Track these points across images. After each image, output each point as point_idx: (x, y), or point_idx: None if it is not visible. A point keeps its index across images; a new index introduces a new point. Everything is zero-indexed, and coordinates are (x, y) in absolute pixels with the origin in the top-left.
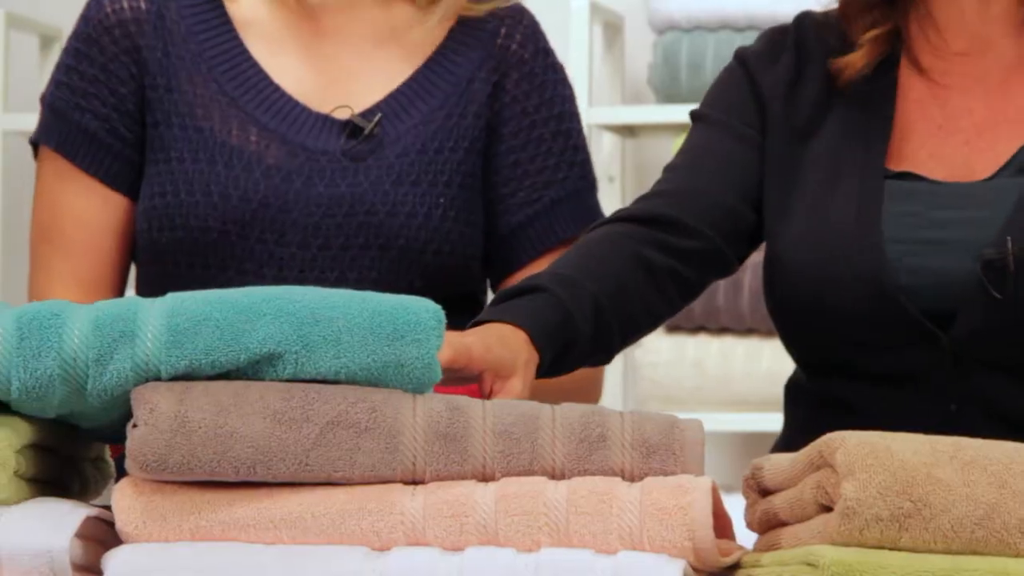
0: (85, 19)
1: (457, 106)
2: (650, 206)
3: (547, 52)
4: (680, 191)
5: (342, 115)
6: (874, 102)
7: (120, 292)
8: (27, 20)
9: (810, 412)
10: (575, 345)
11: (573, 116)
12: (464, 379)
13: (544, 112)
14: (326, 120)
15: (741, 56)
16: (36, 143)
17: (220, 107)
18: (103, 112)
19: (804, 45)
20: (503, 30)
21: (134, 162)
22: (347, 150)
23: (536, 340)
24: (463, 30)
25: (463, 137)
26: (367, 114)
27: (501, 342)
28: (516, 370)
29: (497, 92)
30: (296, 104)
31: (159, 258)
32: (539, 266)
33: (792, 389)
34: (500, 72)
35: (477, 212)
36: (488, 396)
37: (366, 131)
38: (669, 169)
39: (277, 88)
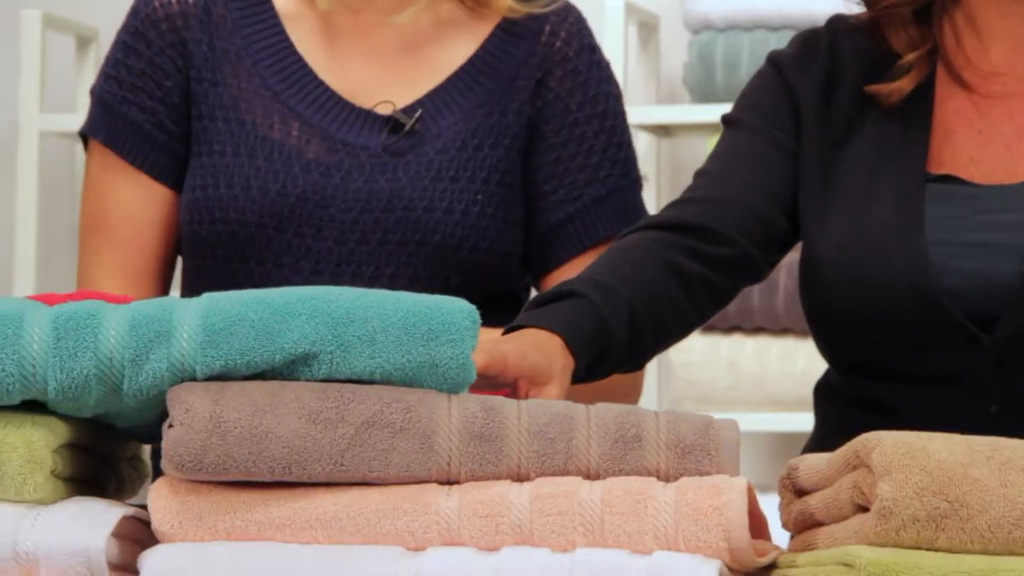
0: (134, 12)
1: (499, 103)
2: (681, 213)
3: (592, 49)
4: (711, 198)
5: (384, 111)
6: (911, 109)
7: (166, 284)
8: (64, 21)
9: (844, 413)
10: (610, 351)
11: (617, 114)
12: (498, 385)
13: (587, 110)
14: (368, 115)
15: (775, 60)
16: (85, 136)
17: (263, 101)
18: (149, 105)
19: (838, 49)
20: (548, 27)
21: (180, 155)
22: (387, 146)
23: (572, 346)
24: (508, 27)
25: (504, 134)
26: (409, 110)
27: (536, 348)
28: (552, 376)
29: (540, 89)
30: (340, 99)
31: (200, 251)
32: (580, 263)
33: (823, 390)
34: (544, 69)
35: (516, 210)
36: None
37: (407, 127)
38: (700, 175)
39: (321, 83)
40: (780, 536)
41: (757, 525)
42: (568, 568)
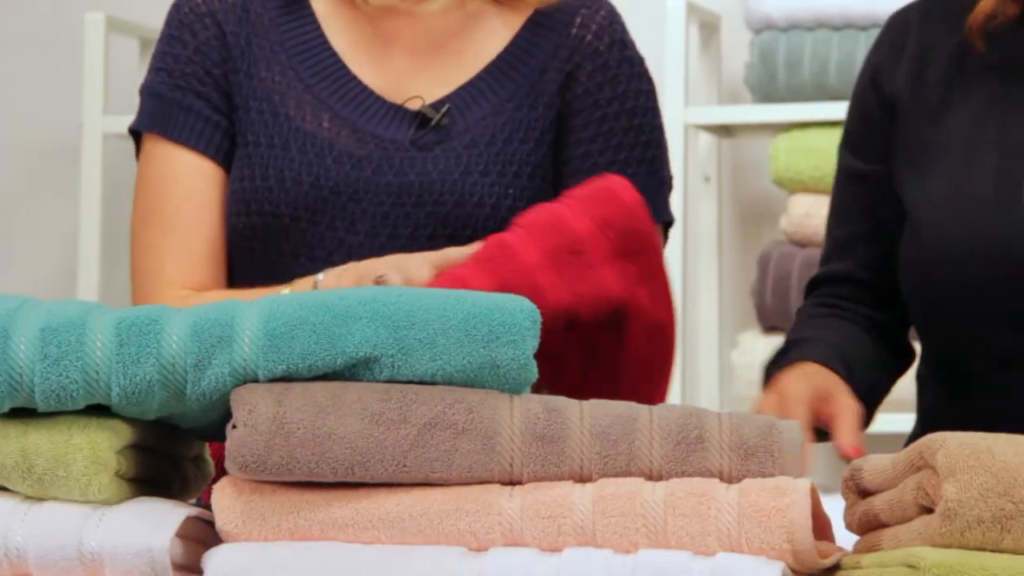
0: (176, 7)
1: (528, 97)
2: (847, 281)
3: (624, 44)
4: (868, 261)
5: (414, 105)
6: (1009, 76)
7: (227, 269)
8: (127, 23)
9: (940, 401)
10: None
11: (648, 111)
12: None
13: (616, 106)
14: (398, 110)
15: (870, 67)
16: (138, 131)
17: (296, 93)
18: (202, 91)
19: (930, 22)
20: (578, 19)
21: (234, 139)
22: (415, 139)
23: (832, 367)
24: (539, 19)
25: (533, 128)
26: (438, 105)
27: (807, 376)
28: (839, 388)
29: (569, 83)
30: (371, 94)
31: (238, 243)
32: None
33: (923, 379)
34: (573, 63)
35: (544, 202)
36: (829, 425)
37: (433, 121)
38: (845, 227)
39: (354, 78)
40: (844, 538)
41: (821, 527)
42: (631, 569)
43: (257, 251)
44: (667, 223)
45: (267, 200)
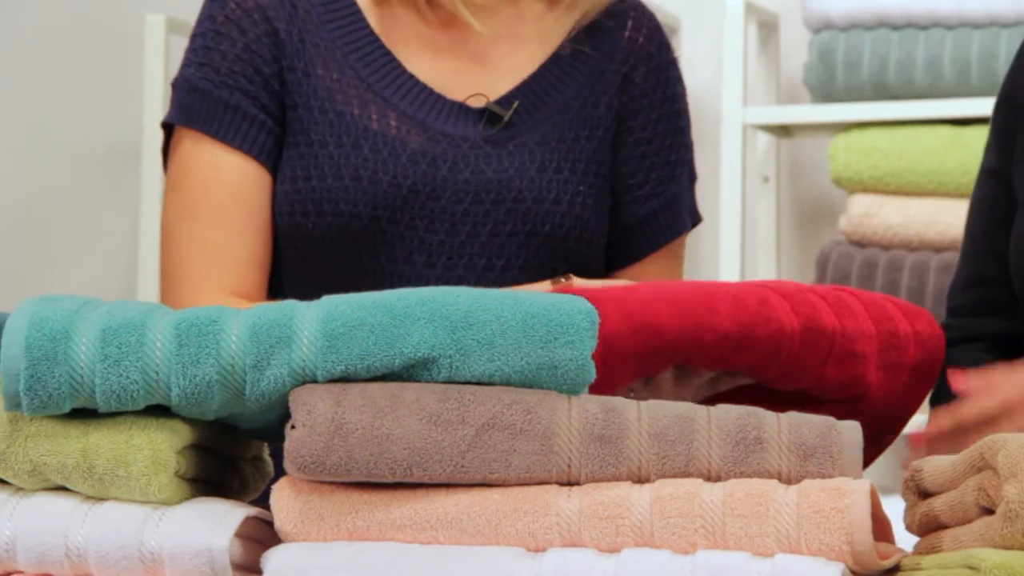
0: (221, 3)
1: (590, 96)
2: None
3: (668, 47)
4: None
5: (477, 103)
6: None
7: (269, 271)
8: (187, 25)
9: None
10: None
11: (686, 113)
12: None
13: (667, 107)
14: (462, 107)
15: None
16: (172, 125)
17: (358, 93)
18: (250, 89)
19: None
20: (630, 23)
21: (281, 141)
22: (487, 137)
23: None
24: (589, 22)
25: (596, 127)
26: (502, 102)
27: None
28: None
29: (626, 84)
30: (431, 92)
31: (305, 244)
32: (654, 260)
33: None
34: (629, 65)
35: (607, 201)
36: None
37: (505, 118)
38: (979, 224)
39: (411, 76)
40: (904, 539)
41: (880, 528)
42: (689, 570)
43: (331, 251)
44: (696, 223)
45: (344, 200)
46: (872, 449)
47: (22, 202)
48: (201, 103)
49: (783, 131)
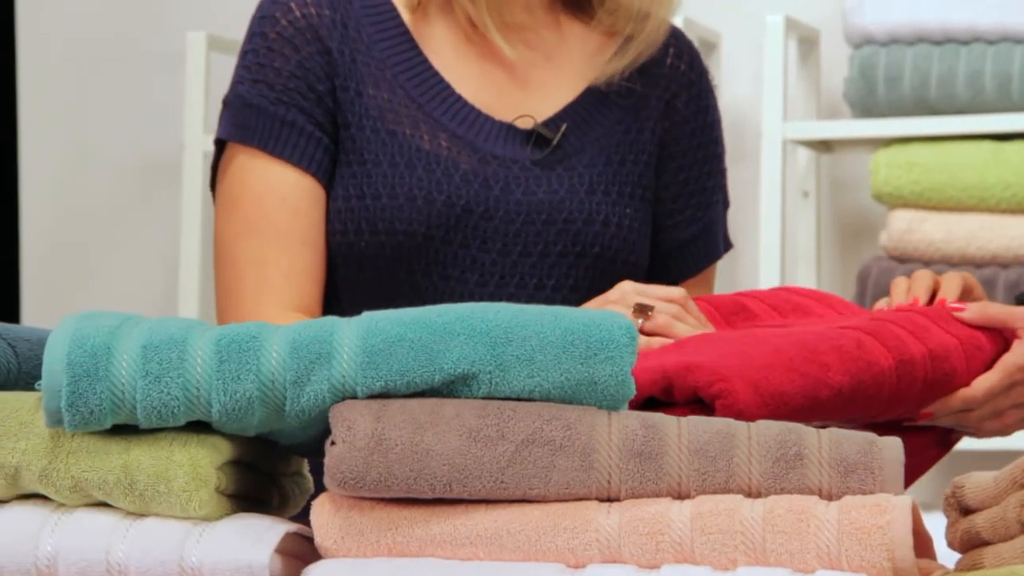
0: (271, 20)
1: (635, 121)
2: None
3: (708, 74)
4: None
5: (524, 124)
6: None
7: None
8: (228, 42)
9: None
10: None
11: (721, 139)
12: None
13: (706, 134)
14: (510, 129)
15: None
16: (225, 141)
17: (409, 113)
18: (305, 106)
19: None
20: (671, 50)
21: (335, 158)
22: (536, 159)
23: None
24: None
25: (641, 151)
26: (548, 124)
27: None
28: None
29: (668, 110)
30: (479, 113)
31: (358, 262)
32: (689, 286)
33: None
34: (671, 92)
35: (650, 224)
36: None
37: (554, 141)
38: None
39: (460, 97)
40: (945, 556)
41: (922, 544)
42: None
43: (384, 270)
44: (728, 249)
45: (397, 219)
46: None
47: (64, 218)
48: (256, 119)
49: (823, 146)
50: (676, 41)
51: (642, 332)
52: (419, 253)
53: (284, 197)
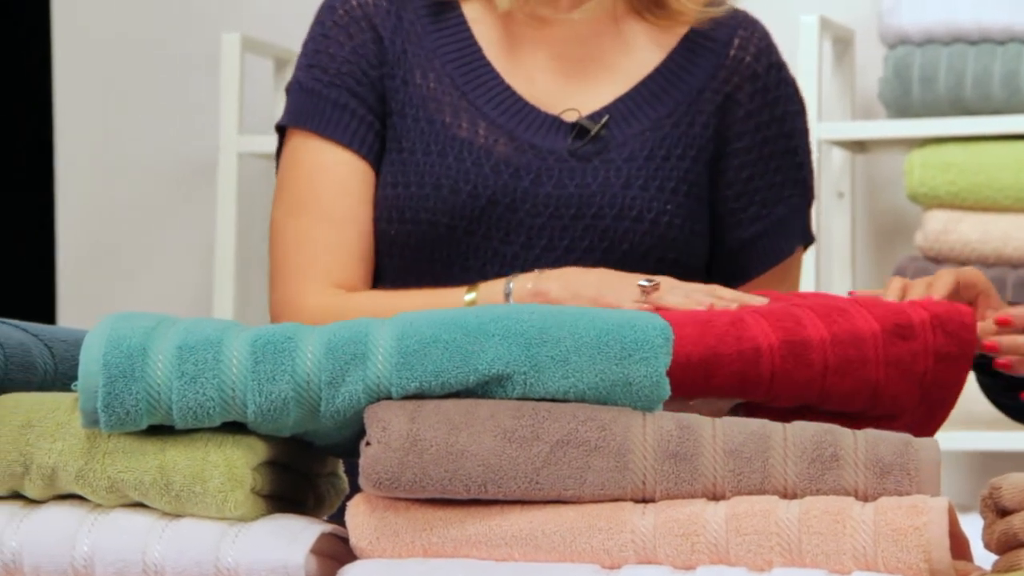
0: (331, 9)
1: (686, 115)
2: None
3: (780, 67)
4: None
5: (571, 117)
6: None
7: (372, 270)
8: (262, 44)
9: None
10: None
11: (802, 132)
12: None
13: (775, 128)
14: (555, 121)
15: None
16: (285, 127)
17: (451, 101)
18: (357, 90)
19: None
20: (736, 41)
21: (383, 142)
22: (573, 150)
23: None
24: (694, 39)
25: (690, 146)
26: (595, 117)
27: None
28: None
29: (728, 104)
30: (526, 104)
31: (389, 250)
32: (762, 282)
33: None
34: (732, 84)
35: (703, 222)
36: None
37: (592, 132)
38: None
39: (508, 87)
40: (982, 557)
41: (958, 546)
42: None
43: (409, 259)
44: (809, 244)
45: (423, 208)
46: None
47: (99, 219)
48: (309, 102)
49: (858, 147)
50: (744, 32)
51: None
52: (442, 243)
53: (333, 176)
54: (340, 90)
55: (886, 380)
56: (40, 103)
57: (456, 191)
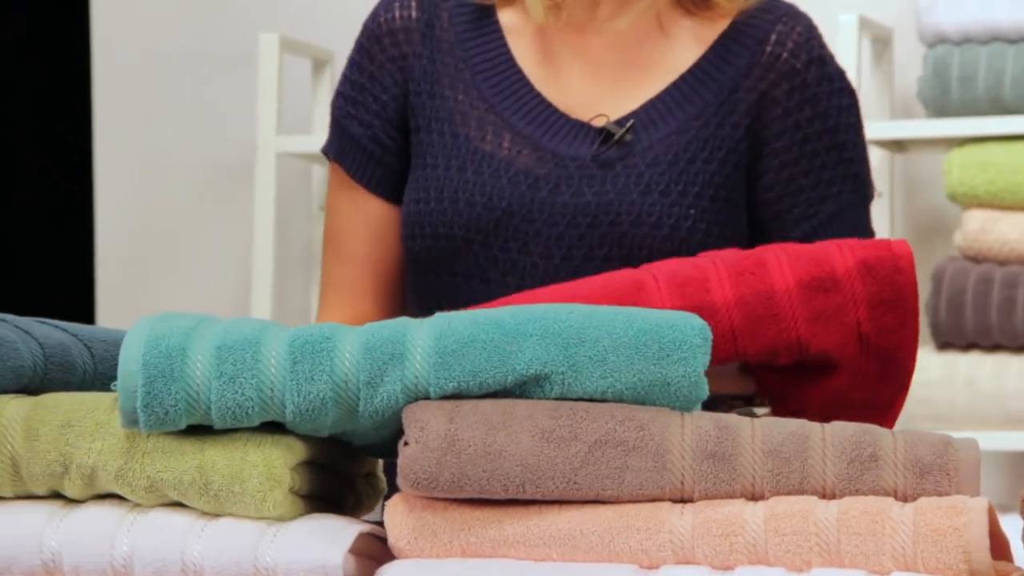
0: (364, 28)
1: (716, 115)
2: None
3: (822, 61)
4: None
5: (599, 123)
6: None
7: (391, 300)
8: (300, 44)
9: None
10: None
11: (849, 127)
12: None
13: (817, 125)
14: (582, 127)
15: None
16: (326, 154)
17: (478, 113)
18: (366, 119)
19: None
20: (773, 36)
21: (394, 168)
22: (596, 156)
23: None
24: (732, 35)
25: (719, 147)
26: (622, 121)
27: None
28: None
29: (764, 102)
30: (555, 111)
31: (414, 266)
32: None
33: None
34: (768, 81)
35: (735, 226)
36: None
37: (616, 137)
38: None
39: (538, 95)
40: (1022, 558)
41: (999, 546)
42: None
43: (431, 273)
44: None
45: (441, 222)
46: (890, 406)
47: (138, 219)
48: (334, 133)
49: (897, 146)
50: (783, 27)
51: None
52: (459, 256)
53: (344, 211)
54: (352, 121)
55: (811, 334)
56: (80, 105)
57: (471, 203)
